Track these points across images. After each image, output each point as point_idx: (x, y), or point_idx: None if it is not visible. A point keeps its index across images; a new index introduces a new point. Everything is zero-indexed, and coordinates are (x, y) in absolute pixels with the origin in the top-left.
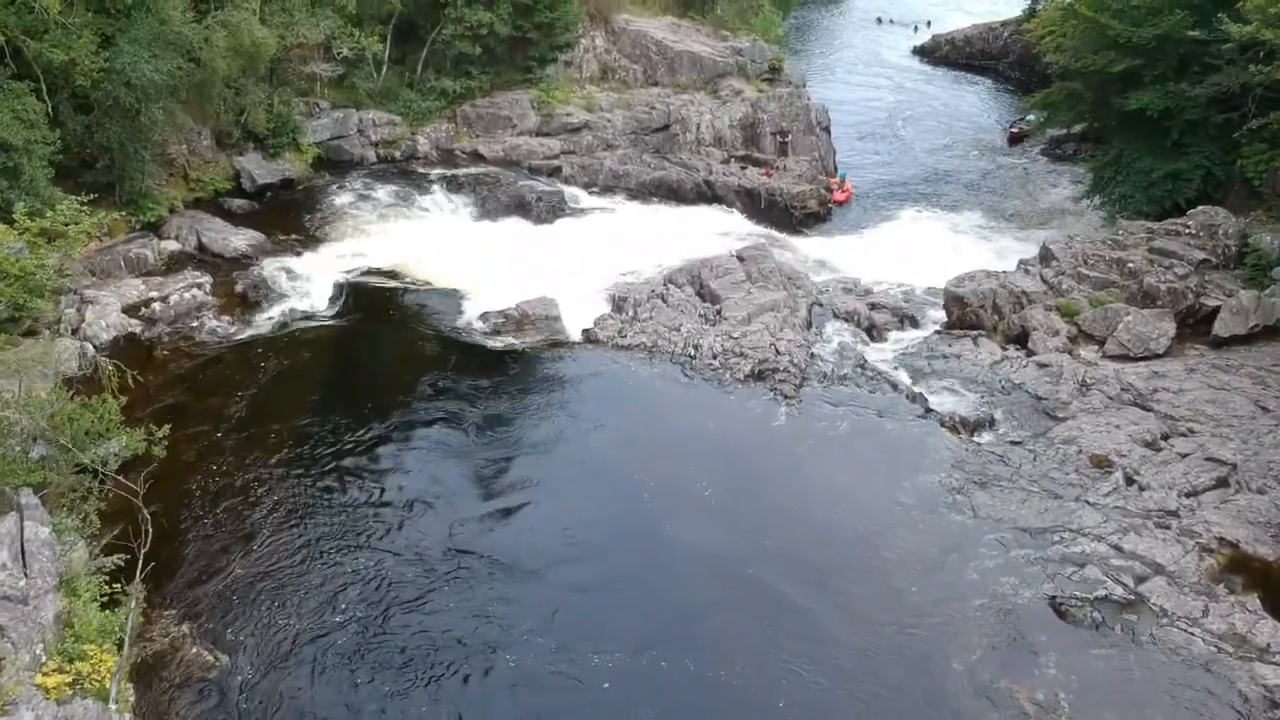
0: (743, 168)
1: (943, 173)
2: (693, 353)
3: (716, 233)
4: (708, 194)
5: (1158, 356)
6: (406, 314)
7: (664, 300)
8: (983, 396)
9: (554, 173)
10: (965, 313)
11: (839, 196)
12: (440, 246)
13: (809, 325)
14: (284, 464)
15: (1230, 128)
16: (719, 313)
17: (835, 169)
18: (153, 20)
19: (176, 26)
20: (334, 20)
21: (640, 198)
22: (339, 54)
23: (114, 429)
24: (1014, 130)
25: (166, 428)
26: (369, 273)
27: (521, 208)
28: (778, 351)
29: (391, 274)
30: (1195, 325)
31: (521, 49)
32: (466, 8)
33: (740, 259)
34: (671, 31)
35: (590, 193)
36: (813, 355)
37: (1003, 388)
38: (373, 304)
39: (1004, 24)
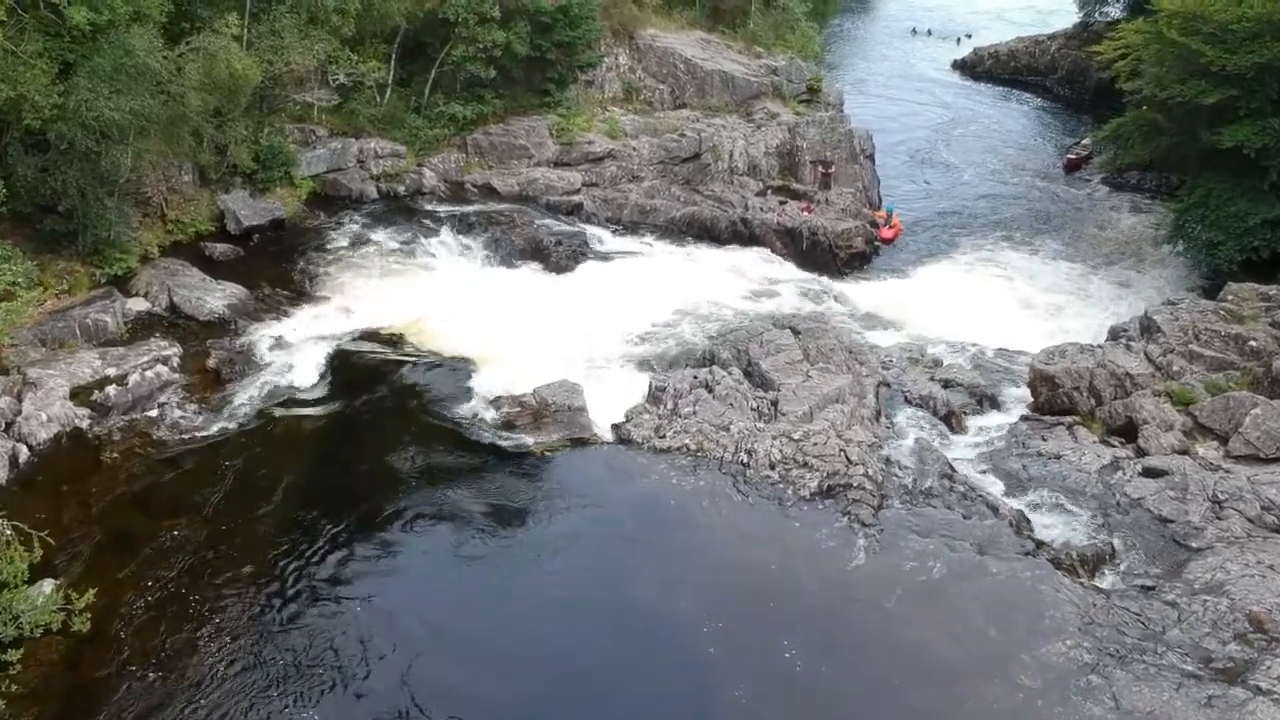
0: (781, 202)
1: (996, 204)
2: (746, 460)
3: (758, 280)
4: (744, 233)
5: None
6: (405, 397)
7: (709, 390)
8: (1095, 516)
9: (574, 210)
10: (1056, 395)
11: (886, 234)
12: (447, 303)
13: (878, 415)
14: (250, 612)
15: None
16: (775, 405)
17: (880, 202)
18: (117, 49)
19: (141, 57)
20: (329, 43)
21: (670, 236)
22: (334, 80)
23: (18, 599)
24: (1071, 156)
25: (90, 594)
26: (364, 338)
27: (538, 252)
28: (849, 460)
29: (390, 340)
30: None
31: (539, 70)
32: (480, 26)
33: (795, 332)
34: (701, 48)
35: (614, 232)
36: (889, 461)
37: (1118, 504)
38: (365, 382)
39: (1051, 37)
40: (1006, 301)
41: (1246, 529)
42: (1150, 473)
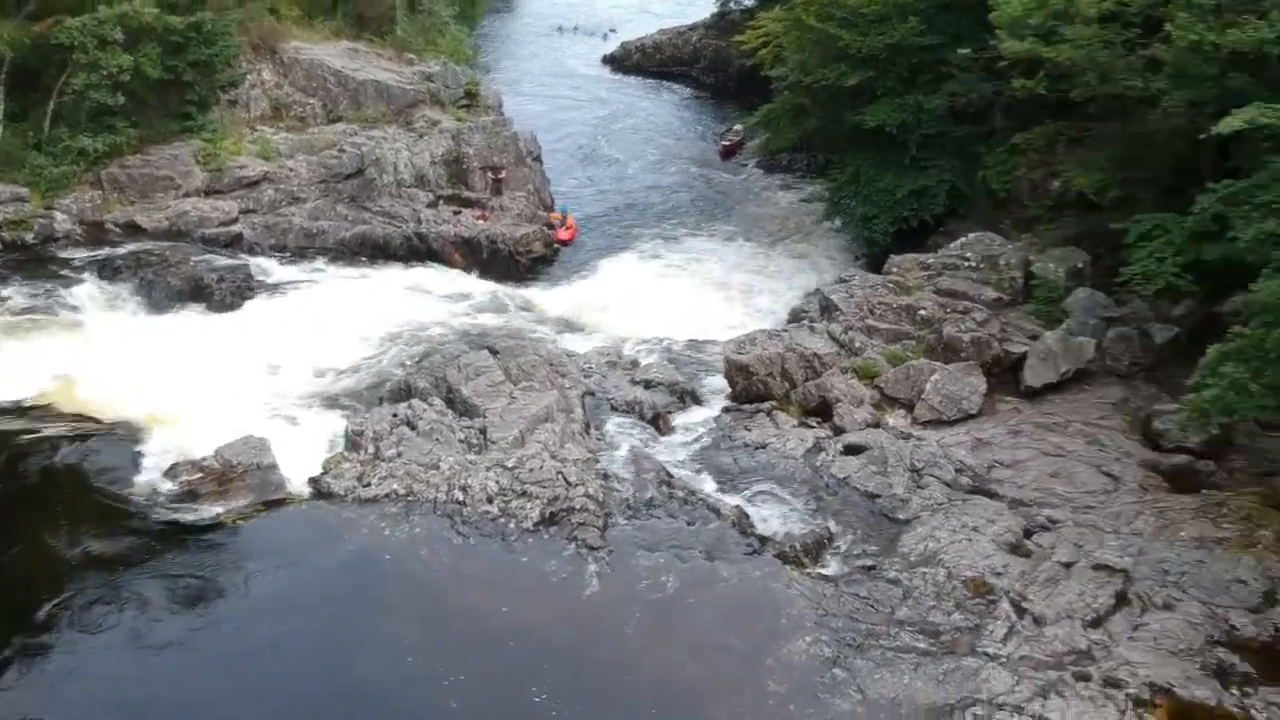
0: (455, 212)
1: (663, 194)
2: (461, 497)
3: (442, 297)
4: (421, 248)
5: (972, 417)
6: (60, 475)
7: (411, 427)
8: (808, 502)
9: (234, 241)
10: (752, 383)
11: (563, 235)
12: (100, 361)
13: (588, 428)
14: None
15: (971, 140)
16: (483, 434)
17: (553, 203)
18: None
19: None
20: None
21: (342, 259)
22: None
23: None
24: (725, 143)
25: None
26: None
27: (199, 292)
28: (569, 482)
29: (35, 411)
30: (1002, 374)
31: (177, 93)
32: (101, 50)
33: (493, 352)
34: (350, 58)
35: (282, 260)
36: (607, 476)
37: (827, 486)
38: (5, 464)
39: (692, 28)
40: (688, 290)
41: (946, 494)
42: (851, 450)
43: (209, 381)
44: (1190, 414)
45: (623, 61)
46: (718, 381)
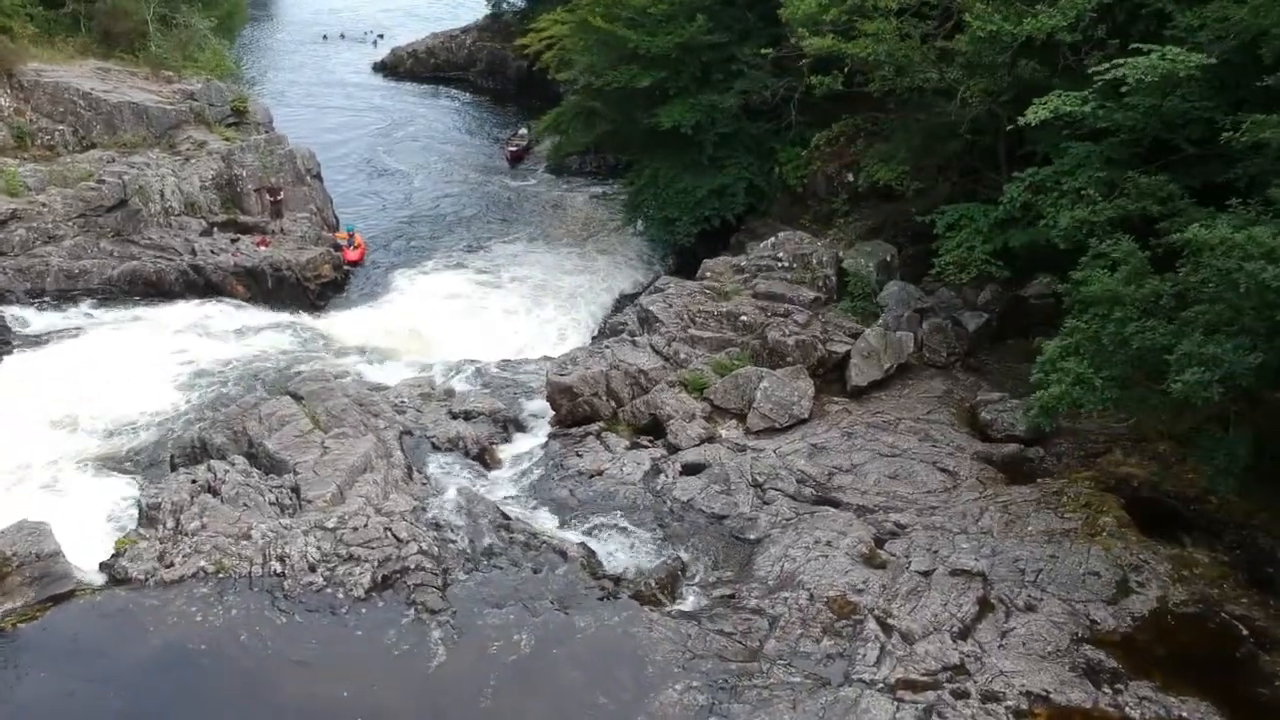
0: (233, 239)
1: (454, 205)
2: (280, 569)
3: (229, 335)
4: (199, 282)
5: (804, 422)
6: None
7: (214, 493)
8: (655, 531)
9: None
10: (577, 404)
11: (352, 255)
12: None
13: (410, 473)
14: None
15: (766, 136)
16: (296, 492)
17: (339, 222)
18: None
19: None
20: None
21: (112, 300)
22: None
23: None
24: (512, 149)
25: None
26: None
27: None
28: (399, 539)
29: None
30: (827, 375)
31: None
32: None
33: (297, 397)
34: (100, 79)
35: (41, 307)
36: (439, 526)
37: (671, 510)
38: None
39: (465, 31)
40: (492, 306)
41: (792, 507)
42: (690, 469)
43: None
44: (1037, 412)
45: (395, 68)
46: (540, 405)
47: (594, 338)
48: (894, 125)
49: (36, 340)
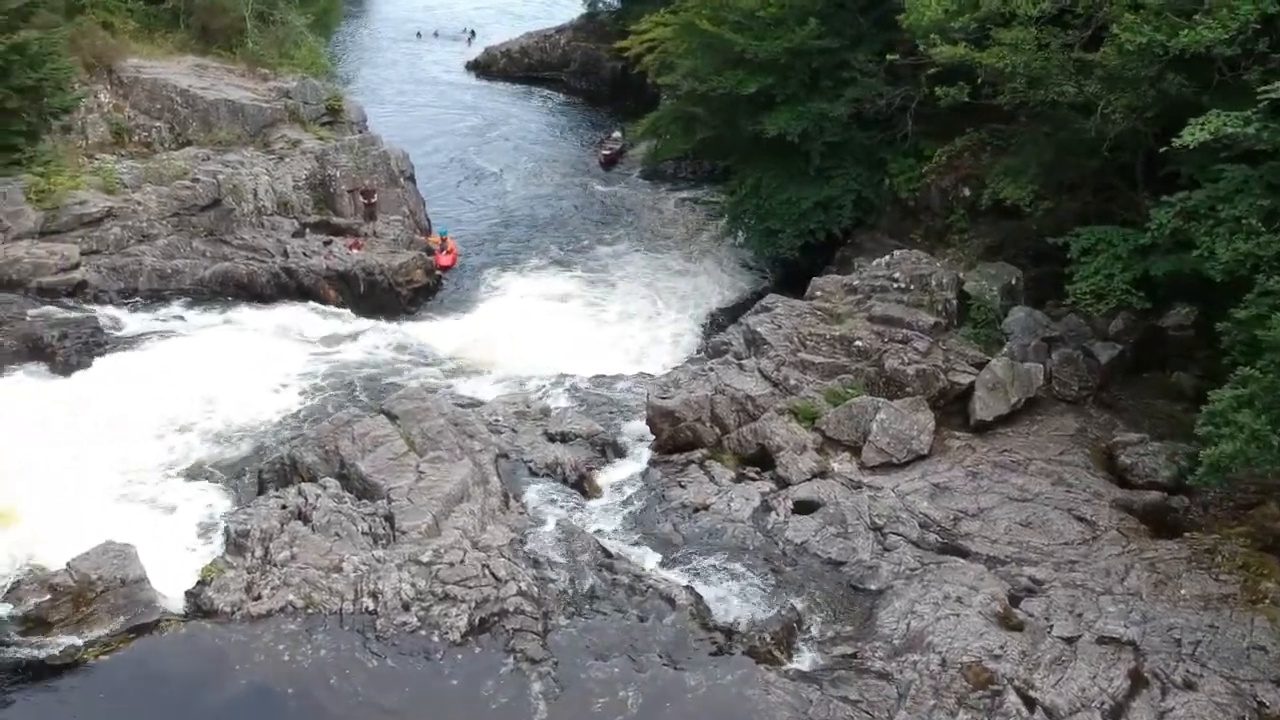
0: (325, 241)
1: (547, 210)
2: (372, 605)
3: (320, 341)
4: (290, 285)
5: (923, 457)
6: None
7: (304, 520)
8: (767, 576)
9: (77, 289)
10: (679, 430)
11: (444, 260)
12: None
13: (508, 500)
14: None
15: (877, 146)
16: (390, 522)
17: (431, 225)
18: None
19: None
20: None
21: (203, 302)
22: None
23: None
24: (606, 152)
25: None
26: None
27: (38, 352)
28: (497, 579)
29: None
30: (947, 407)
31: (0, 123)
32: None
33: (392, 416)
34: (198, 76)
35: (134, 308)
36: (538, 564)
37: (784, 554)
38: None
39: (560, 31)
40: (586, 317)
41: (916, 556)
42: (803, 507)
43: (57, 462)
44: (1206, 471)
45: (488, 67)
46: (639, 427)
47: (692, 356)
48: (1023, 140)
49: (129, 343)
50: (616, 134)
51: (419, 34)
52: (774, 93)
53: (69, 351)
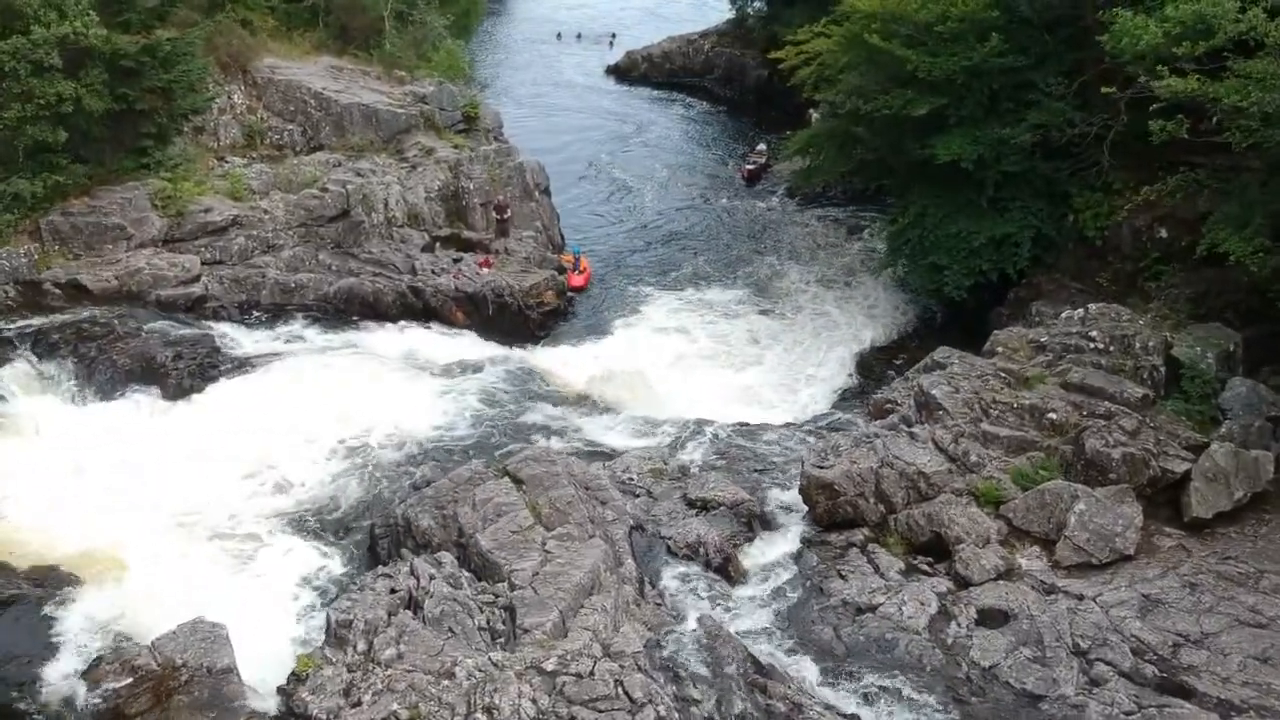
0: (455, 259)
1: (684, 228)
2: None
3: (443, 369)
4: (417, 305)
5: (1128, 558)
6: None
7: (415, 608)
8: (950, 711)
9: (195, 304)
10: (837, 504)
11: (577, 281)
12: (25, 470)
13: (642, 587)
14: None
15: (1059, 177)
16: (511, 614)
17: (564, 242)
18: None
19: None
20: None
21: (326, 320)
22: None
23: None
24: (750, 166)
25: None
26: None
27: (151, 373)
28: (631, 700)
29: None
30: (1154, 496)
31: (131, 124)
32: (36, 78)
33: (517, 481)
34: (333, 78)
35: (253, 324)
36: (678, 677)
37: (969, 679)
38: None
39: (704, 35)
40: (724, 352)
41: (1130, 694)
42: (988, 617)
43: (160, 500)
44: None
45: (629, 72)
46: (790, 496)
47: (843, 396)
48: (1246, 183)
49: (244, 365)
50: (761, 146)
51: (559, 35)
52: (946, 114)
53: (182, 374)
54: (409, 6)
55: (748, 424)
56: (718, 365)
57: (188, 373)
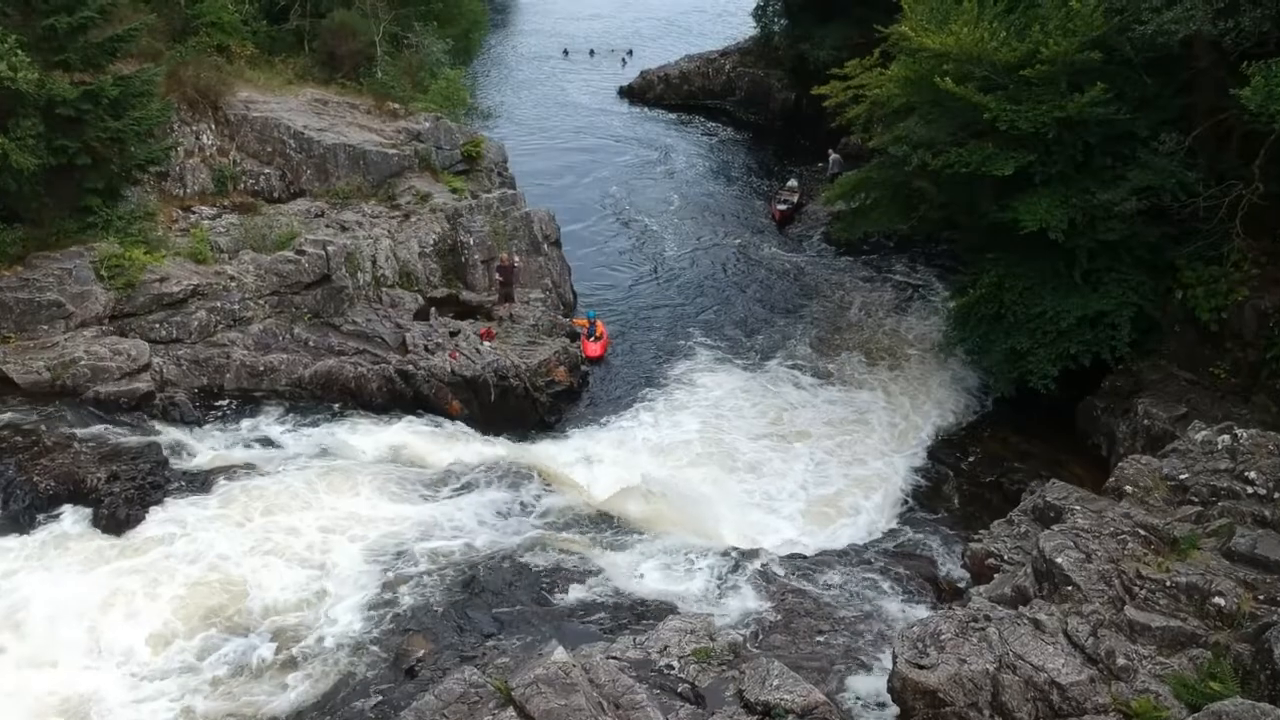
0: (453, 332)
1: (709, 279)
2: None
3: (434, 480)
4: (407, 394)
5: None
6: None
7: None
8: None
9: (143, 401)
10: (941, 715)
11: (593, 350)
12: None
13: None
14: None
15: (1164, 246)
16: None
17: (575, 300)
18: None
19: None
20: None
21: (299, 411)
22: None
23: None
24: (781, 206)
25: None
26: None
27: (80, 495)
28: None
29: None
30: None
31: (72, 180)
32: None
33: (524, 713)
34: (316, 113)
35: (212, 422)
36: None
37: None
38: None
39: (724, 54)
40: (764, 448)
41: None
42: None
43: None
44: None
45: (642, 94)
46: (870, 682)
47: (905, 509)
48: None
49: (198, 480)
50: (792, 183)
51: (566, 52)
52: (1031, 171)
53: (117, 500)
54: (404, 28)
55: (802, 555)
56: (758, 462)
57: (124, 498)
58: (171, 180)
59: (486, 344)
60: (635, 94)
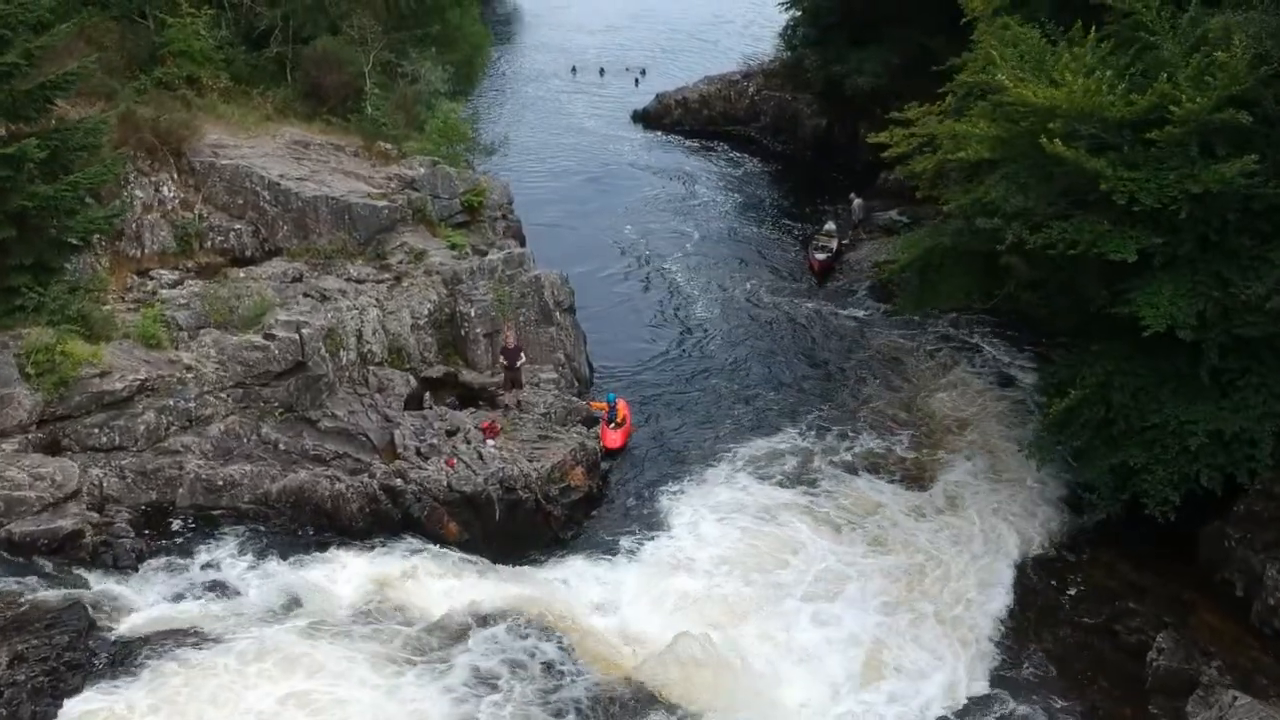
0: (450, 431)
1: (744, 346)
2: None
3: (420, 636)
4: (394, 514)
5: None
6: None
7: None
8: None
9: (69, 540)
10: None
11: (613, 440)
12: None
13: None
14: None
15: None
16: None
17: (591, 376)
18: None
19: None
20: None
21: (263, 538)
22: None
23: None
24: (819, 256)
25: None
26: None
27: None
28: None
29: None
30: None
31: None
32: None
33: None
34: (295, 158)
35: (158, 560)
36: None
37: None
38: None
39: (747, 77)
40: (817, 577)
41: None
42: None
43: None
44: None
45: (659, 119)
46: None
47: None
48: None
49: (122, 659)
50: (830, 225)
51: (574, 70)
52: (1150, 251)
53: (20, 694)
54: (398, 56)
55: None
56: (809, 596)
57: (29, 689)
58: (126, 239)
59: (490, 443)
60: (650, 119)
